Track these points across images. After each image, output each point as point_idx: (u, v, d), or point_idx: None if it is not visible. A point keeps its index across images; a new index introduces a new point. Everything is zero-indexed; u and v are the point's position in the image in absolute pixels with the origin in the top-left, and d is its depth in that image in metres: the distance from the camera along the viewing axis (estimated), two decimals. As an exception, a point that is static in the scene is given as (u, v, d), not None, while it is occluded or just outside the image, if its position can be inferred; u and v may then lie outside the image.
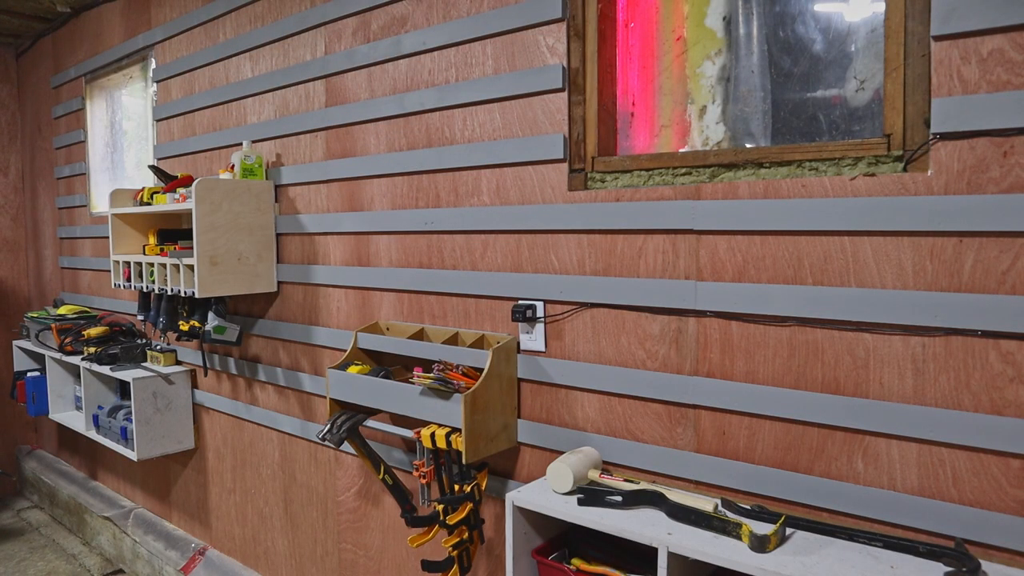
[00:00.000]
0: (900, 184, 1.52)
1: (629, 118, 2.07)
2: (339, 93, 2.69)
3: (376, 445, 2.57)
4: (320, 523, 2.96)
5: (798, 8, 1.80)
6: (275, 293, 3.02)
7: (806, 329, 1.65)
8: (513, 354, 2.15)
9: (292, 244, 2.94)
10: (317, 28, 2.76)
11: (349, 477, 2.80)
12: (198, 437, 3.59)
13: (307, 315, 2.89)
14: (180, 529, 3.83)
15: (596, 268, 1.98)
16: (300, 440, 3.00)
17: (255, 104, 3.08)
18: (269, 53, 2.99)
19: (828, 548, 1.50)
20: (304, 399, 2.95)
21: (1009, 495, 1.43)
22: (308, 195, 2.85)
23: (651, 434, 1.91)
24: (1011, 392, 1.42)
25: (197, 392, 3.54)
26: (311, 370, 2.89)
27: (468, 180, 2.28)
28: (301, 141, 2.86)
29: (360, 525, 2.78)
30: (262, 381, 3.14)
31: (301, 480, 3.02)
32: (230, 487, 3.43)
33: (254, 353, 3.17)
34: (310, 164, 2.81)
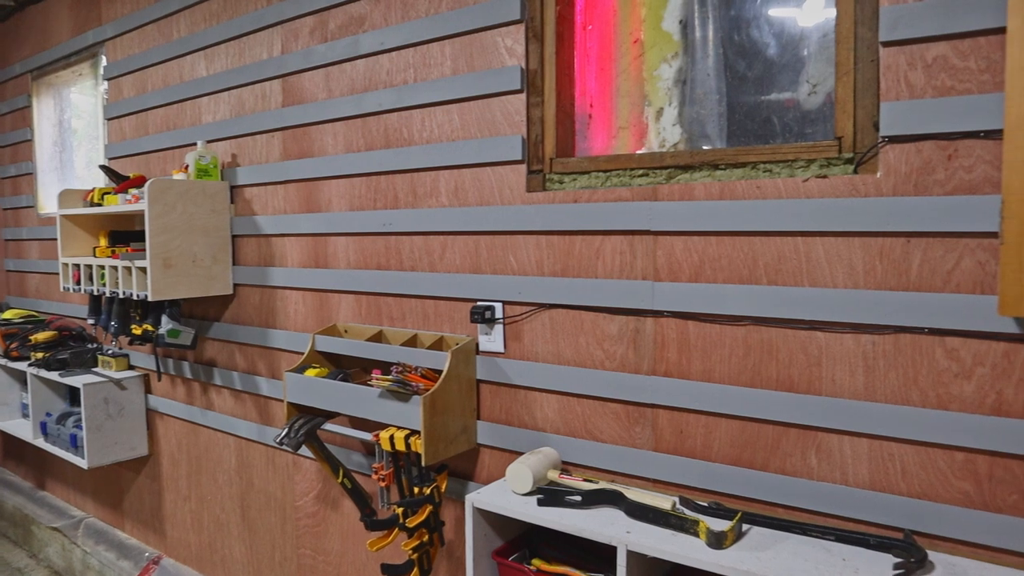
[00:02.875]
0: (851, 186, 1.55)
1: (587, 120, 2.09)
2: (296, 93, 2.66)
3: (335, 449, 2.55)
4: (278, 528, 2.91)
5: (752, 13, 1.83)
6: (231, 296, 2.97)
7: (761, 328, 1.68)
8: (472, 355, 2.14)
9: (248, 246, 2.89)
10: (274, 27, 2.72)
11: (307, 481, 2.77)
12: (152, 443, 3.51)
13: (264, 318, 2.85)
14: (133, 538, 3.74)
15: (554, 269, 1.99)
16: (257, 445, 2.95)
17: (210, 103, 3.03)
18: (224, 52, 2.94)
19: (783, 543, 1.53)
20: (261, 403, 2.91)
21: (954, 487, 1.48)
22: (265, 196, 2.81)
23: (610, 434, 1.92)
24: (956, 387, 1.46)
25: (151, 397, 3.47)
26: (268, 373, 2.85)
27: (426, 181, 2.27)
28: (257, 141, 2.82)
29: (319, 530, 2.74)
30: (218, 385, 3.09)
31: (259, 485, 2.98)
32: (185, 494, 3.37)
33: (210, 357, 3.12)
34: (267, 165, 2.78)
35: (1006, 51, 1.17)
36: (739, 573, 1.42)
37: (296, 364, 2.40)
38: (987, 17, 1.39)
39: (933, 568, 1.41)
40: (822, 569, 1.41)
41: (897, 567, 1.38)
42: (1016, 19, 1.16)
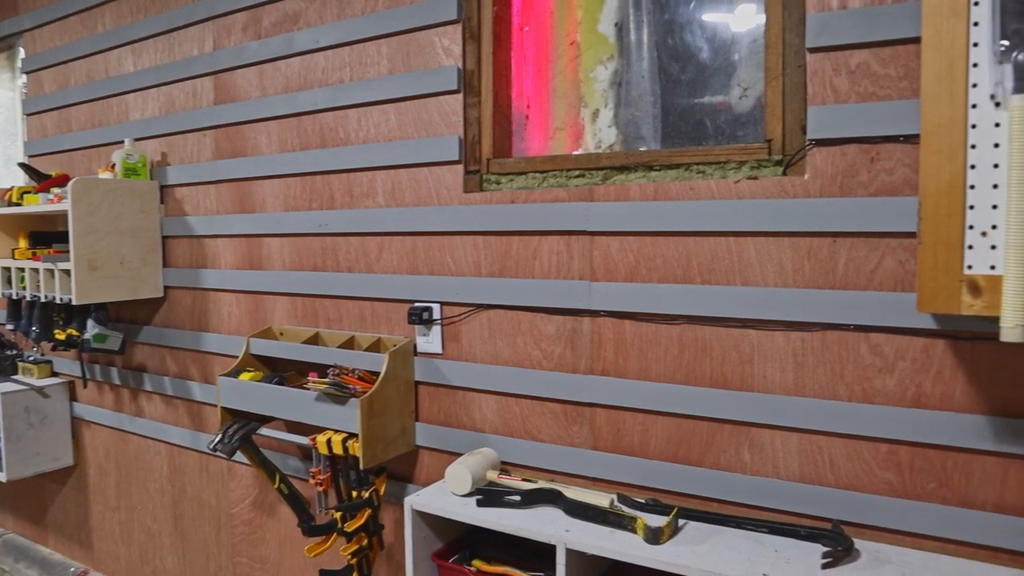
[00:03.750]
0: (780, 187, 1.59)
1: (524, 120, 2.10)
2: (229, 91, 2.60)
3: (271, 454, 2.49)
4: (213, 537, 2.84)
5: (686, 17, 1.86)
6: (161, 298, 2.88)
7: (695, 327, 1.71)
8: (410, 357, 2.13)
9: (179, 247, 2.81)
10: (205, 22, 2.65)
11: (243, 488, 2.70)
12: (77, 453, 3.38)
13: (196, 321, 2.77)
14: (57, 553, 3.59)
15: (492, 269, 1.99)
16: (190, 451, 2.87)
17: (138, 100, 2.93)
18: (153, 47, 2.85)
19: (718, 536, 1.56)
20: (194, 408, 2.83)
21: (879, 477, 1.53)
22: (196, 196, 2.74)
23: (548, 433, 1.93)
24: (879, 382, 1.52)
25: (76, 405, 3.33)
26: (201, 378, 2.78)
27: (363, 181, 2.25)
28: (188, 140, 2.75)
29: (256, 537, 2.68)
30: (148, 391, 2.99)
31: (192, 493, 2.90)
32: (114, 504, 3.25)
33: (139, 362, 3.02)
34: (198, 164, 2.70)
35: (921, 59, 1.22)
36: (675, 567, 1.45)
37: (230, 368, 2.34)
38: (905, 27, 1.45)
39: (859, 556, 1.46)
40: (755, 561, 1.44)
41: (825, 556, 1.42)
42: (930, 29, 1.21)
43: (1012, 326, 1.14)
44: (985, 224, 1.19)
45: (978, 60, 1.18)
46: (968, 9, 1.18)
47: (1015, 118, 1.13)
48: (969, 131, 1.20)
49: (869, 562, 1.43)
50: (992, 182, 1.18)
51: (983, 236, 1.19)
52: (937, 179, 1.22)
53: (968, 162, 1.20)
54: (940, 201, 1.22)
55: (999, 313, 1.16)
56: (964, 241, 1.21)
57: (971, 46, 1.18)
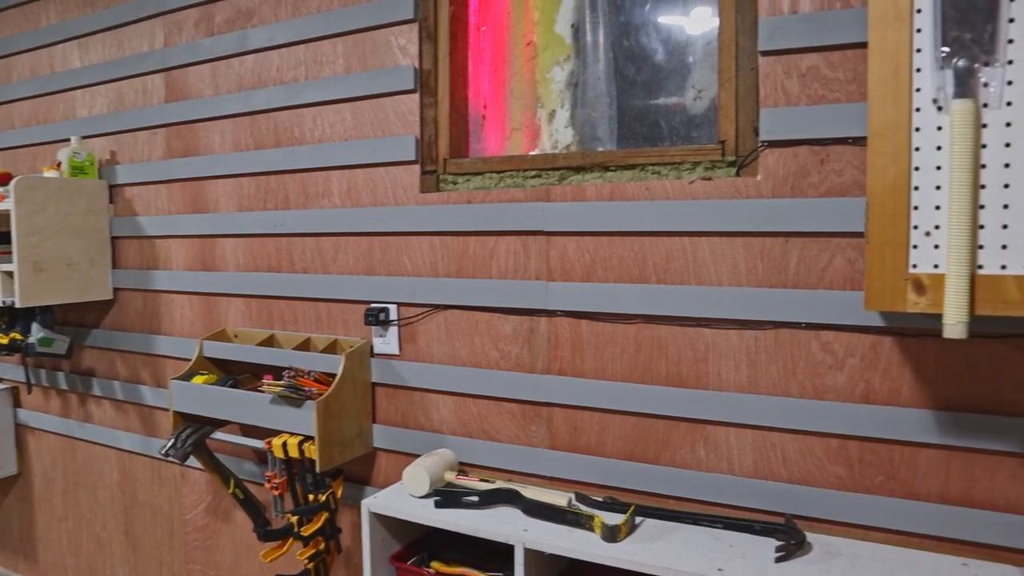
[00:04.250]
0: (733, 188, 1.62)
1: (481, 121, 2.09)
2: (180, 88, 2.55)
3: (225, 458, 2.45)
4: (166, 545, 2.78)
5: (641, 19, 1.88)
6: (111, 301, 2.81)
7: (651, 326, 1.73)
8: (367, 358, 2.11)
9: (130, 248, 2.74)
10: (155, 18, 2.59)
11: (197, 493, 2.65)
12: (22, 461, 3.28)
13: (147, 323, 2.71)
14: (0, 567, 3.48)
15: (449, 270, 1.99)
16: (142, 457, 2.81)
17: (85, 97, 2.86)
18: (101, 42, 2.78)
19: (675, 533, 1.58)
20: (145, 413, 2.76)
21: (829, 471, 1.56)
22: (147, 196, 2.67)
23: (506, 433, 1.93)
24: (830, 378, 1.55)
25: (20, 411, 3.23)
26: (153, 382, 2.72)
27: (318, 181, 2.22)
28: (139, 138, 2.69)
29: (210, 543, 2.63)
30: (97, 396, 2.92)
31: (143, 500, 2.83)
32: (61, 514, 3.16)
33: (88, 366, 2.94)
34: (149, 163, 2.64)
35: (868, 64, 1.25)
36: (632, 565, 1.46)
37: (183, 371, 2.30)
38: (853, 32, 1.49)
39: (811, 549, 1.49)
40: (710, 556, 1.46)
41: (778, 550, 1.45)
42: (876, 35, 1.24)
43: (954, 323, 1.17)
44: (929, 224, 1.23)
45: (921, 65, 1.21)
46: (911, 16, 1.21)
47: (956, 122, 1.16)
48: (913, 134, 1.23)
49: (820, 555, 1.46)
50: (935, 183, 1.22)
51: (927, 236, 1.23)
52: (883, 180, 1.25)
53: (912, 164, 1.23)
54: (886, 202, 1.25)
55: (942, 311, 1.19)
56: (909, 241, 1.24)
57: (914, 52, 1.21)
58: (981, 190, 1.18)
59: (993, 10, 1.15)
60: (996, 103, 1.16)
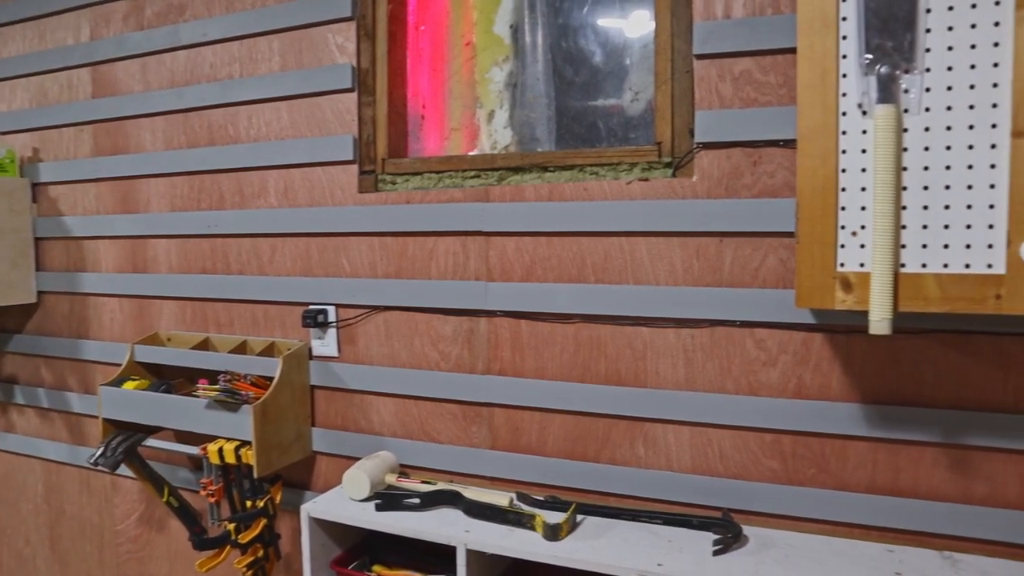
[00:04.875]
0: (670, 188, 1.65)
1: (420, 120, 2.08)
2: (108, 84, 2.46)
3: (158, 466, 2.38)
4: (95, 558, 2.68)
5: (579, 21, 1.89)
6: (35, 304, 2.70)
7: (590, 325, 1.74)
8: (305, 361, 2.08)
9: (55, 249, 2.64)
10: (80, 9, 2.50)
11: (129, 503, 2.57)
12: (-60, 472, 3.13)
13: (75, 328, 2.61)
14: (-81, 580, 3.31)
15: (388, 271, 1.97)
16: (69, 467, 2.70)
17: (5, 91, 2.73)
18: (21, 33, 2.67)
19: (615, 530, 1.59)
20: (73, 421, 2.66)
21: (764, 465, 1.60)
22: (73, 195, 2.58)
23: (447, 434, 1.93)
24: (764, 375, 1.59)
25: (-62, 421, 3.08)
26: (80, 388, 2.62)
27: (254, 181, 2.18)
28: (64, 135, 2.59)
29: (143, 555, 2.56)
30: (20, 404, 2.80)
31: (71, 512, 2.73)
32: (-17, 526, 3.02)
33: (9, 373, 2.82)
34: (75, 161, 2.55)
35: (797, 69, 1.28)
36: (574, 563, 1.47)
37: (113, 377, 2.22)
38: (783, 37, 1.53)
39: (747, 541, 1.52)
40: (650, 552, 1.48)
41: (716, 543, 1.48)
42: (804, 41, 1.27)
43: (879, 320, 1.22)
44: (855, 224, 1.27)
45: (847, 71, 1.25)
46: (837, 24, 1.25)
47: (879, 126, 1.20)
48: (840, 137, 1.27)
49: (756, 546, 1.50)
50: (860, 185, 1.26)
51: (853, 236, 1.27)
52: (812, 182, 1.28)
53: (839, 166, 1.27)
54: (815, 203, 1.29)
55: (868, 308, 1.23)
56: (837, 240, 1.28)
57: (840, 58, 1.25)
58: (903, 192, 1.23)
59: (911, 20, 1.20)
60: (916, 109, 1.21)
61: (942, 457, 1.48)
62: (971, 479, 1.46)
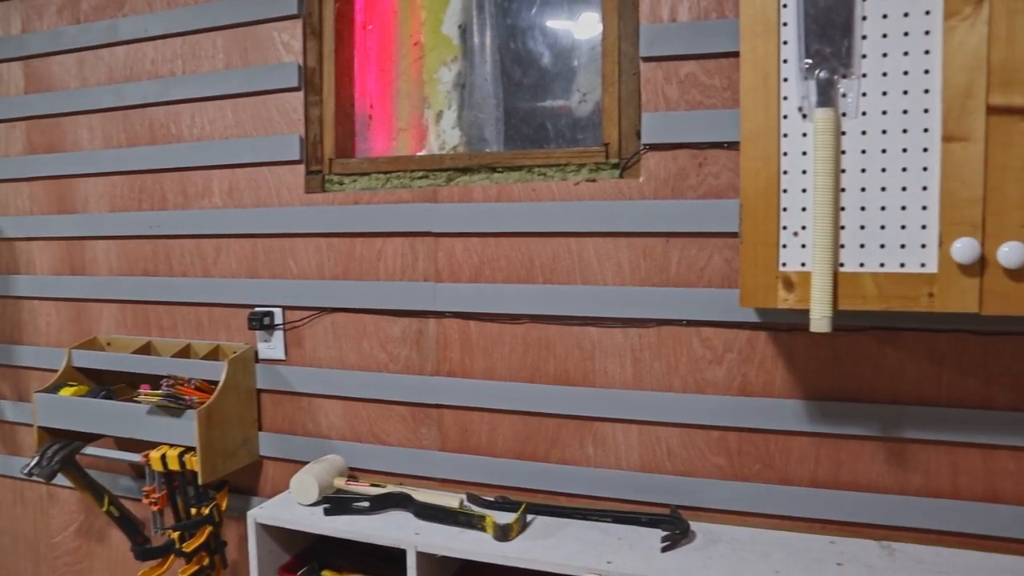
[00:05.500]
0: (617, 189, 1.66)
1: (367, 120, 2.06)
2: (42, 79, 2.38)
3: (98, 474, 2.31)
4: (30, 573, 2.59)
5: (528, 23, 1.90)
6: (-35, 309, 2.60)
7: (539, 325, 1.75)
8: (251, 364, 2.04)
9: (-14, 251, 2.54)
10: (9, 1, 2.41)
11: (66, 514, 2.49)
12: None
13: (7, 333, 2.52)
14: None
15: (335, 272, 1.95)
16: (2, 479, 2.60)
17: (-68, 88, 2.62)
18: (-51, 29, 2.56)
19: (565, 529, 1.60)
20: (6, 430, 2.57)
21: (711, 462, 1.63)
22: (5, 195, 2.48)
23: (396, 436, 1.91)
24: (710, 373, 1.62)
25: None
26: (14, 396, 2.53)
27: (198, 181, 2.13)
28: (-6, 133, 2.49)
29: (82, 567, 2.48)
30: (-50, 412, 2.69)
31: (3, 526, 2.63)
32: (-90, 541, 2.89)
33: (-62, 380, 2.71)
34: (7, 159, 2.45)
35: (740, 72, 1.31)
36: (524, 563, 1.47)
37: (49, 383, 2.15)
38: (727, 41, 1.56)
39: (695, 537, 1.54)
40: (600, 550, 1.49)
41: (664, 540, 1.50)
42: (746, 45, 1.29)
43: (819, 318, 1.24)
44: (796, 225, 1.29)
45: (788, 75, 1.28)
46: (779, 29, 1.27)
47: (819, 129, 1.23)
48: (781, 140, 1.29)
49: (704, 542, 1.52)
50: (801, 187, 1.28)
51: (795, 236, 1.30)
52: (755, 183, 1.31)
53: (781, 168, 1.30)
54: (758, 204, 1.31)
55: (809, 306, 1.26)
56: (779, 240, 1.31)
57: (781, 62, 1.28)
58: (842, 193, 1.26)
59: (848, 27, 1.23)
60: (853, 113, 1.24)
61: (880, 450, 1.52)
62: (907, 471, 1.51)
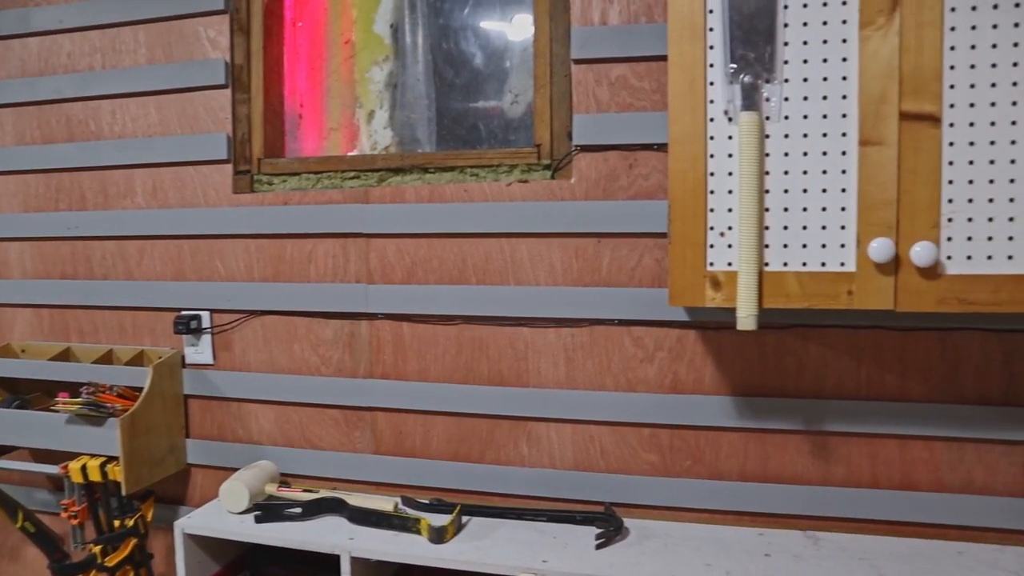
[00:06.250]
0: (549, 190, 1.67)
1: (297, 120, 2.03)
2: (-52, 73, 2.26)
3: (11, 488, 2.20)
4: (-59, 589, 2.46)
5: (460, 23, 1.89)
6: None
7: (472, 326, 1.75)
8: (178, 369, 1.98)
9: None
10: (-87, -9, 2.29)
11: (-21, 529, 2.37)
12: None
13: (-87, 340, 2.39)
14: None
15: (265, 274, 1.91)
16: (-92, 492, 2.46)
17: None
18: None
19: (501, 529, 1.60)
20: (-88, 442, 2.43)
21: (643, 459, 1.66)
22: (-91, 195, 2.35)
23: (329, 440, 1.89)
24: (642, 371, 1.64)
25: None
26: (-79, 406, 2.39)
27: (120, 180, 2.05)
28: None
29: (-4, 583, 2.37)
30: None
31: (-88, 541, 2.49)
32: None
33: None
34: (-90, 157, 2.33)
35: (668, 76, 1.33)
36: (460, 564, 1.47)
37: (-43, 393, 2.05)
38: (656, 45, 1.58)
39: (628, 533, 1.57)
40: (535, 549, 1.50)
41: (598, 537, 1.51)
42: (674, 49, 1.32)
43: (745, 316, 1.28)
44: (723, 225, 1.32)
45: (714, 79, 1.31)
46: (705, 34, 1.30)
47: (743, 132, 1.26)
48: (708, 142, 1.32)
49: (637, 538, 1.54)
50: (728, 188, 1.31)
51: (721, 236, 1.33)
52: (683, 185, 1.33)
53: (708, 170, 1.32)
54: (686, 204, 1.34)
55: (736, 305, 1.29)
56: (706, 241, 1.33)
57: (708, 66, 1.31)
58: (766, 194, 1.29)
59: (771, 33, 1.26)
60: (776, 116, 1.28)
61: (805, 443, 1.57)
62: (830, 463, 1.56)
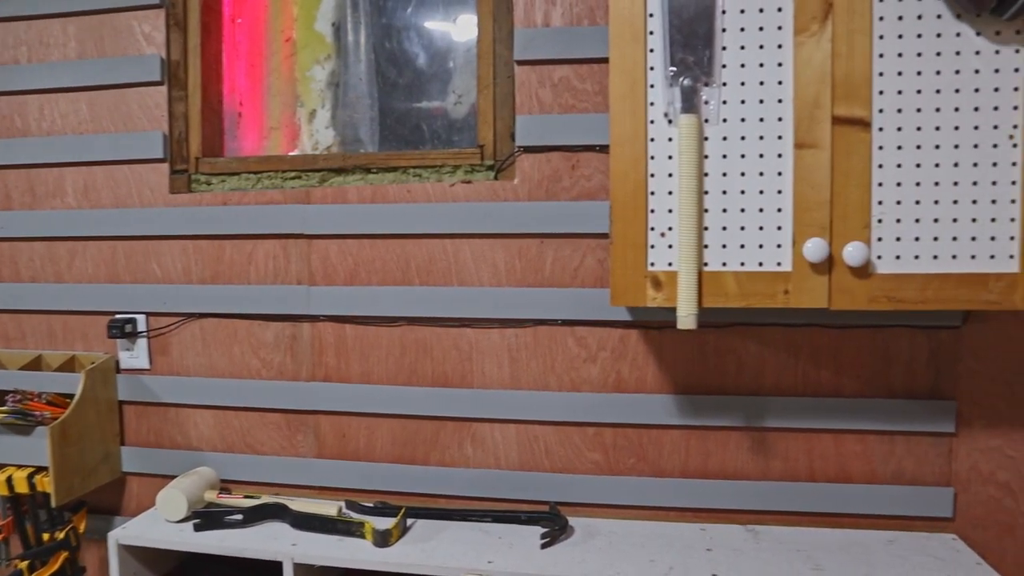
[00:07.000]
0: (492, 191, 1.67)
1: (237, 118, 1.99)
2: None
3: (-65, 499, 2.11)
4: None
5: (403, 22, 1.88)
6: None
7: (416, 328, 1.74)
8: (112, 374, 1.92)
9: None
10: None
11: (-102, 544, 2.26)
12: None
13: None
14: None
15: (203, 276, 1.86)
16: None
17: None
18: None
19: (446, 531, 1.60)
20: None
21: (587, 458, 1.67)
22: None
23: (271, 445, 1.85)
24: (585, 371, 1.65)
25: None
26: None
27: (48, 179, 1.98)
28: None
29: (-83, 601, 2.26)
30: None
31: None
32: None
33: None
34: None
35: (609, 78, 1.34)
36: (405, 567, 1.46)
37: None
38: (598, 47, 1.60)
39: (573, 532, 1.58)
40: (481, 550, 1.50)
41: (543, 536, 1.52)
42: (615, 52, 1.33)
43: (686, 315, 1.30)
44: (663, 226, 1.34)
45: (654, 82, 1.32)
46: (645, 37, 1.32)
47: (683, 134, 1.28)
48: (649, 144, 1.34)
49: (582, 536, 1.55)
50: (668, 189, 1.33)
51: (662, 237, 1.34)
52: (624, 186, 1.35)
53: (649, 171, 1.34)
54: (627, 205, 1.35)
55: (676, 304, 1.31)
56: (647, 241, 1.35)
57: (648, 69, 1.32)
58: (705, 195, 1.32)
59: (710, 37, 1.29)
60: (715, 119, 1.30)
61: (745, 439, 1.60)
62: (769, 458, 1.60)
